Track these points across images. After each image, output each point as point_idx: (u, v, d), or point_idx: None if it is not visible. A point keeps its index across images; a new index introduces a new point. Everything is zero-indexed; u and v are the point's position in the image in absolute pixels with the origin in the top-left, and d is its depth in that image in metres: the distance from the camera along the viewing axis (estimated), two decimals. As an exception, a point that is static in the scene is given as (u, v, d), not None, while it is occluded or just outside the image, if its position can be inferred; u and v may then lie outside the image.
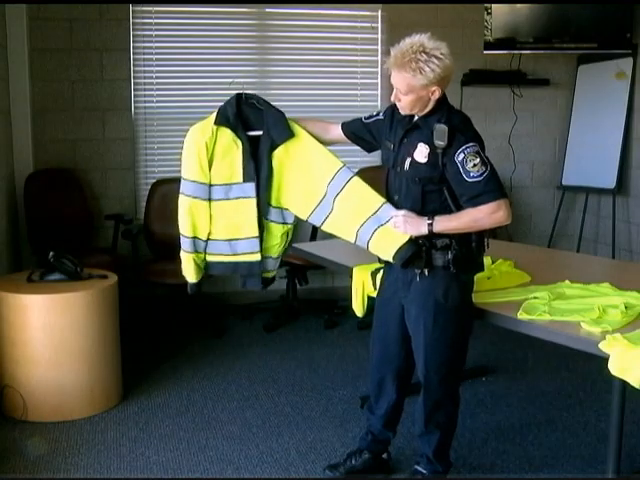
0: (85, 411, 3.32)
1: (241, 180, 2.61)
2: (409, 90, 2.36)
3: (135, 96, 4.95)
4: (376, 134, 2.64)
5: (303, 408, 3.47)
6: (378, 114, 2.66)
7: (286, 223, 2.69)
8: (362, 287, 3.01)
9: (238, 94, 2.60)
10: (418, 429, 2.66)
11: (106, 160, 4.94)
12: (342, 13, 5.19)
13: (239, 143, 2.60)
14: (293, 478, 2.82)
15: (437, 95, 2.39)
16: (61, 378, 3.26)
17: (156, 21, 4.93)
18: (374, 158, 3.98)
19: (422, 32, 2.37)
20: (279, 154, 2.60)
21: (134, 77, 4.92)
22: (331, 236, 2.73)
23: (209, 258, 2.71)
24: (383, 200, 2.53)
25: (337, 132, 2.70)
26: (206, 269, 2.74)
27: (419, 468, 2.68)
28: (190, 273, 2.69)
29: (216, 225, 2.66)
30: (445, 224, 2.41)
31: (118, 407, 3.45)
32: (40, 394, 3.24)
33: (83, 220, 4.75)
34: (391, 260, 2.50)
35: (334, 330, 4.73)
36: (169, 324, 4.70)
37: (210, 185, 2.61)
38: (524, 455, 3.00)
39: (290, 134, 2.59)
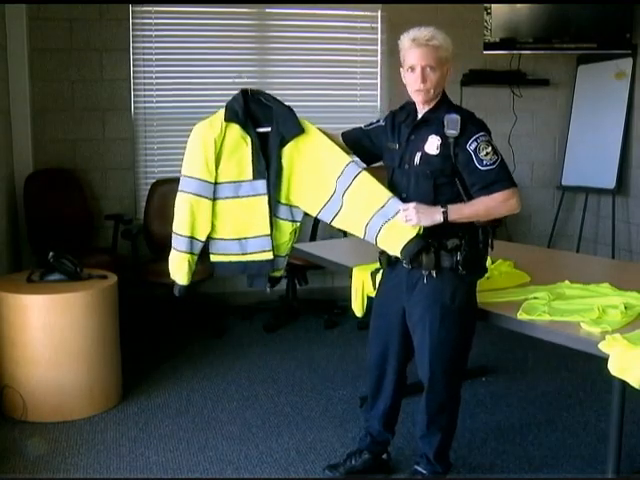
0: (85, 411, 3.32)
1: (251, 177, 2.56)
2: (438, 63, 2.41)
3: (135, 96, 4.95)
4: (376, 140, 2.65)
5: (303, 408, 3.47)
6: (378, 121, 2.68)
7: (295, 221, 2.65)
8: (362, 287, 3.01)
9: (244, 90, 2.56)
10: (420, 431, 2.65)
11: (106, 160, 4.94)
12: (342, 13, 5.19)
13: (248, 140, 2.55)
14: (293, 478, 2.82)
15: (450, 73, 2.47)
16: (61, 378, 3.26)
17: (156, 21, 4.93)
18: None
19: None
20: (289, 150, 2.57)
21: (134, 77, 4.92)
22: (331, 236, 2.73)
23: (215, 259, 2.65)
24: (390, 195, 2.50)
25: (338, 142, 2.69)
26: (212, 270, 2.69)
27: (419, 468, 2.67)
28: (182, 275, 2.62)
29: (223, 224, 2.60)
30: (460, 212, 2.39)
31: (118, 407, 3.45)
32: (40, 394, 3.24)
33: (83, 220, 4.75)
34: (398, 255, 2.47)
35: (334, 330, 4.73)
36: (169, 324, 4.70)
37: (216, 183, 2.55)
38: (524, 455, 3.00)
39: (300, 130, 2.56)
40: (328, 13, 5.17)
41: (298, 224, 2.67)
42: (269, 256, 2.62)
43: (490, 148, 2.39)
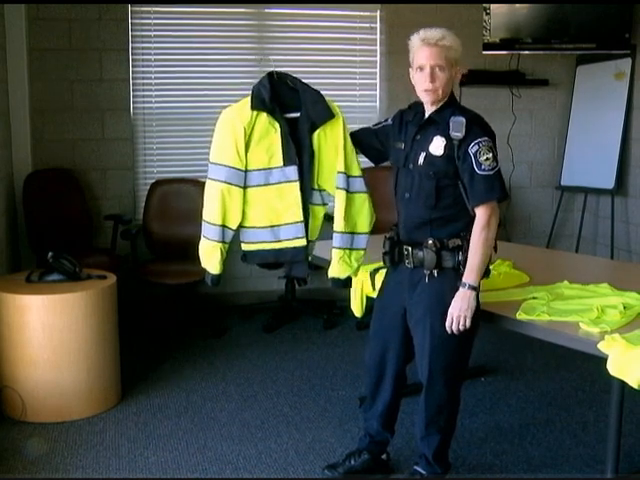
0: (84, 411, 3.32)
1: (281, 164, 2.56)
2: (447, 63, 2.42)
3: (134, 96, 4.94)
4: (384, 139, 2.66)
5: (302, 408, 3.47)
6: (387, 120, 2.70)
7: (326, 204, 2.67)
8: (361, 287, 3.01)
9: (269, 73, 2.55)
10: (419, 431, 2.65)
11: (105, 160, 4.93)
12: (341, 13, 5.19)
13: (277, 126, 2.54)
14: (292, 478, 2.82)
15: (458, 77, 2.49)
16: (60, 378, 3.26)
17: (155, 21, 4.93)
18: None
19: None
20: (317, 135, 2.57)
21: (133, 77, 4.91)
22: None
23: (246, 247, 2.65)
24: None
25: None
26: (244, 260, 2.68)
27: (418, 469, 2.67)
28: (214, 264, 2.60)
29: (254, 212, 2.59)
30: (475, 270, 2.40)
31: (117, 407, 3.45)
32: (39, 394, 3.24)
33: (82, 220, 4.74)
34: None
35: (333, 330, 4.73)
36: (168, 324, 4.70)
37: (246, 171, 2.55)
38: (523, 455, 3.00)
39: (330, 114, 2.55)
40: (327, 13, 5.17)
41: (327, 206, 2.69)
42: (303, 243, 2.63)
43: (491, 154, 2.39)
